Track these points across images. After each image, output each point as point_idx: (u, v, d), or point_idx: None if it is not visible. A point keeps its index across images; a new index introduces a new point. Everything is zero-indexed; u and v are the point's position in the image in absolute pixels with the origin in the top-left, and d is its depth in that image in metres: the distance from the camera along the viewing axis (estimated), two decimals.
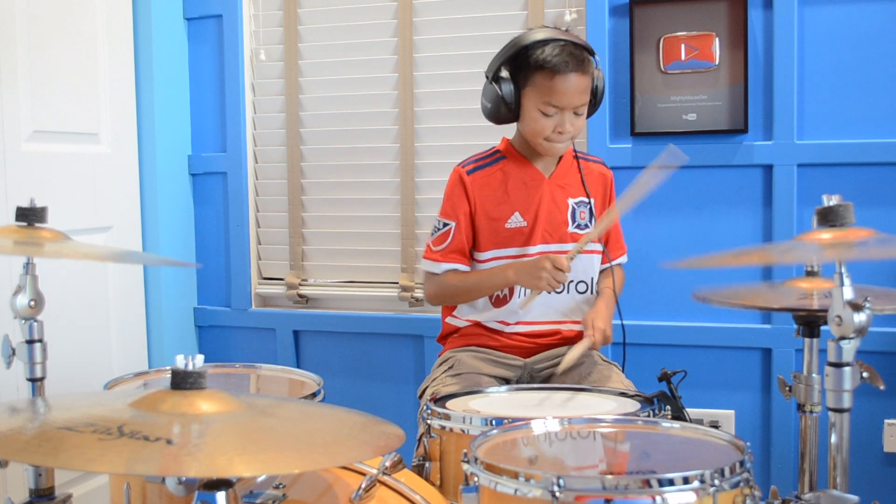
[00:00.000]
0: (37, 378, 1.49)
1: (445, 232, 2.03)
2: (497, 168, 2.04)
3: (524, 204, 2.01)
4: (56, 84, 2.37)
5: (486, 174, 2.04)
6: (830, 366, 1.21)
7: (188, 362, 1.03)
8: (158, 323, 2.75)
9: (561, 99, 1.90)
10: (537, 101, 1.92)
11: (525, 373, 2.02)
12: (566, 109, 1.91)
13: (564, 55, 1.89)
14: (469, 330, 2.07)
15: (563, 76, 1.88)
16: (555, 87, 1.89)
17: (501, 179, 2.03)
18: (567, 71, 1.88)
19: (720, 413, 2.42)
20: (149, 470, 0.88)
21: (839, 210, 1.30)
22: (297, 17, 2.77)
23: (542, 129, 1.94)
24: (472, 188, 2.02)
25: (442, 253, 2.03)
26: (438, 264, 2.03)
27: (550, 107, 1.91)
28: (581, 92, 1.92)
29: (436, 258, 2.03)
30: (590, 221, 2.05)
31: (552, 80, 1.89)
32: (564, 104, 1.91)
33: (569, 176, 2.06)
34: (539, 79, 1.91)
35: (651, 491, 1.08)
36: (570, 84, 1.89)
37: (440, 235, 2.03)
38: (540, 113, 1.92)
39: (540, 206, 2.01)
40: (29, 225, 1.48)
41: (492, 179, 2.03)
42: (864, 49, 2.29)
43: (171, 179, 2.79)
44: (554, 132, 1.93)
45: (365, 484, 1.25)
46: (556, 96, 1.90)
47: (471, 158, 2.07)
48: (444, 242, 2.03)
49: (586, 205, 2.05)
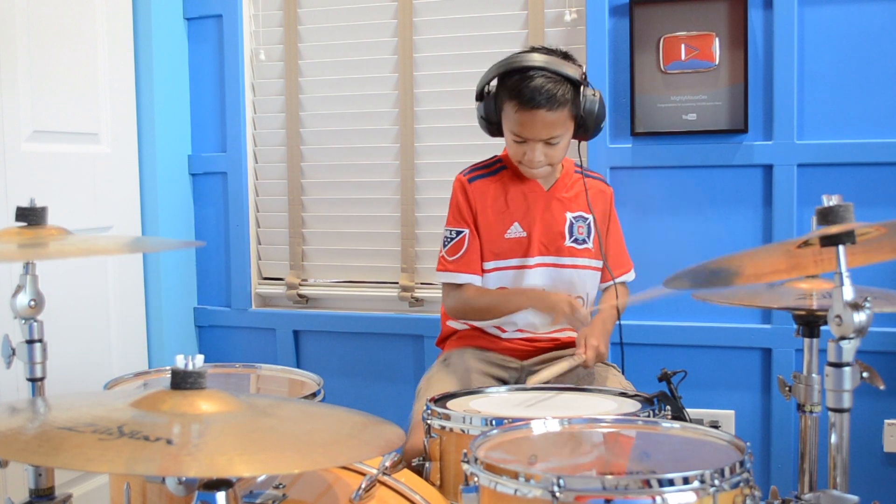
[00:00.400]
0: (37, 378, 1.49)
1: (459, 241, 2.00)
2: (497, 178, 2.04)
3: (523, 215, 2.00)
4: (56, 84, 2.37)
5: (487, 183, 2.03)
6: (830, 366, 1.21)
7: (188, 362, 1.03)
8: (158, 323, 2.75)
9: (524, 132, 1.90)
10: (509, 128, 1.93)
11: (522, 375, 2.03)
12: (532, 141, 1.90)
13: (532, 91, 1.85)
14: (467, 333, 2.08)
15: (528, 112, 1.87)
16: (519, 119, 1.89)
17: (501, 189, 2.02)
18: (531, 107, 1.86)
19: (720, 413, 2.42)
20: (149, 470, 0.88)
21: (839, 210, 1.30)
22: (297, 17, 2.77)
23: (514, 153, 1.96)
24: (474, 195, 2.01)
25: (458, 263, 2.00)
26: (457, 275, 1.99)
27: (518, 136, 1.91)
28: (549, 126, 1.89)
29: (453, 269, 2.00)
30: (588, 237, 2.04)
31: (516, 112, 1.89)
32: (529, 137, 1.90)
33: (568, 190, 2.05)
34: (508, 108, 1.91)
35: (651, 491, 1.08)
36: (536, 119, 1.87)
37: (454, 245, 2.01)
38: (511, 139, 1.94)
39: (538, 218, 2.00)
40: (29, 225, 1.48)
41: (492, 188, 2.02)
42: (864, 49, 2.29)
43: (171, 179, 2.79)
44: (525, 159, 1.93)
45: (365, 484, 1.25)
46: (521, 128, 1.90)
47: (472, 167, 2.07)
48: (458, 252, 2.00)
49: (585, 220, 2.04)
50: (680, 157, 2.41)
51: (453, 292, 2.02)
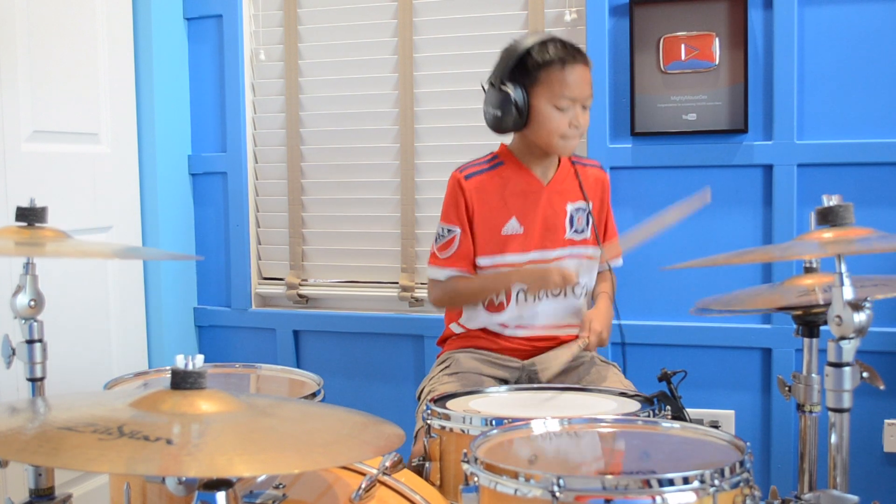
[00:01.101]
0: (37, 378, 1.49)
1: (450, 239, 2.02)
2: (495, 174, 2.03)
3: (521, 211, 2.00)
4: (56, 84, 2.37)
5: (484, 179, 2.02)
6: (830, 366, 1.21)
7: (188, 362, 1.03)
8: (158, 323, 2.75)
9: (574, 89, 1.91)
10: (550, 98, 1.92)
11: (523, 374, 2.02)
12: (578, 101, 1.92)
13: (569, 49, 1.92)
14: (468, 332, 2.08)
15: (573, 66, 1.91)
16: (566, 78, 1.91)
17: (499, 185, 2.02)
18: (575, 62, 1.92)
19: (720, 413, 2.42)
20: (149, 470, 0.88)
21: (839, 210, 1.30)
22: (297, 17, 2.77)
23: (558, 126, 1.93)
24: (470, 193, 2.01)
25: (447, 259, 2.02)
26: (442, 270, 2.02)
27: (564, 99, 1.91)
28: (589, 83, 1.95)
29: (441, 264, 2.02)
30: (586, 226, 2.04)
31: (563, 71, 1.90)
32: (577, 94, 1.92)
33: (566, 181, 2.05)
34: (550, 74, 1.91)
35: (651, 491, 1.08)
36: (580, 74, 1.92)
37: (445, 242, 2.02)
38: (554, 109, 1.92)
39: (538, 214, 2.00)
40: (29, 225, 1.48)
41: (489, 185, 2.02)
42: (864, 49, 2.29)
43: (171, 179, 2.79)
44: (570, 127, 1.93)
45: (365, 484, 1.25)
46: (570, 87, 1.91)
47: (469, 163, 2.06)
48: (449, 249, 2.01)
49: (584, 210, 2.05)
50: (680, 157, 2.41)
51: (438, 284, 2.05)
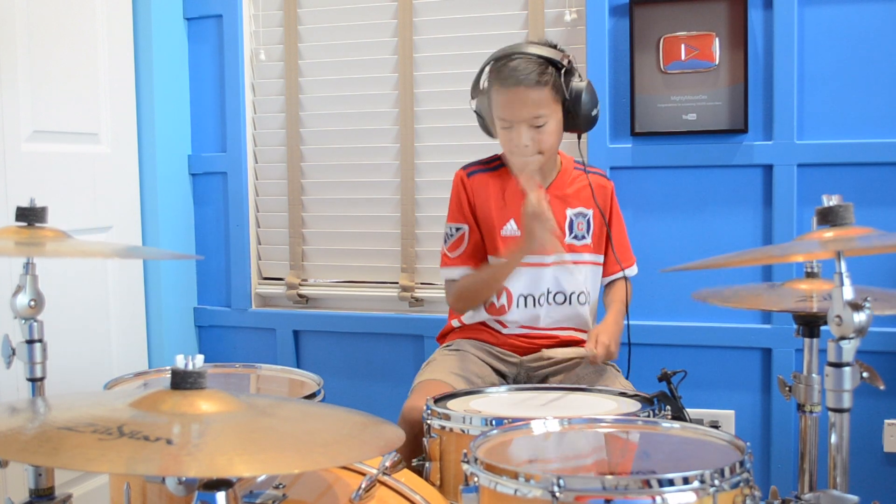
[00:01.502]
0: (37, 378, 1.49)
1: (459, 237, 2.03)
2: (497, 174, 2.05)
3: (520, 213, 1.99)
4: (56, 84, 2.37)
5: (486, 178, 2.04)
6: (830, 366, 1.20)
7: (188, 362, 1.03)
8: (158, 323, 2.75)
9: (506, 111, 1.91)
10: (496, 115, 1.95)
11: (521, 370, 2.03)
12: (517, 123, 1.90)
13: (509, 69, 1.89)
14: (469, 327, 2.09)
15: (509, 90, 1.89)
16: (501, 100, 1.91)
17: (500, 186, 2.03)
18: (510, 84, 1.88)
19: (720, 413, 2.42)
20: (149, 470, 0.88)
21: (839, 210, 1.30)
22: (297, 17, 2.77)
23: (504, 143, 1.97)
24: (472, 190, 2.03)
25: (458, 258, 2.02)
26: (456, 269, 2.03)
27: (503, 120, 1.92)
28: (530, 105, 1.89)
29: (452, 264, 2.03)
30: (587, 233, 2.05)
31: (499, 93, 1.91)
32: (512, 117, 1.91)
33: (568, 187, 2.06)
34: (493, 93, 1.94)
35: (651, 491, 1.08)
36: (517, 97, 1.88)
37: (454, 241, 2.03)
38: (500, 127, 1.95)
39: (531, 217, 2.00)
40: (29, 225, 1.48)
41: (491, 184, 2.04)
42: (864, 49, 2.29)
43: (171, 179, 2.79)
44: (513, 145, 1.93)
45: (365, 484, 1.25)
46: (504, 110, 1.91)
47: (472, 163, 2.09)
48: (459, 248, 2.03)
49: (585, 216, 2.05)
50: (680, 157, 2.41)
51: (453, 285, 2.05)
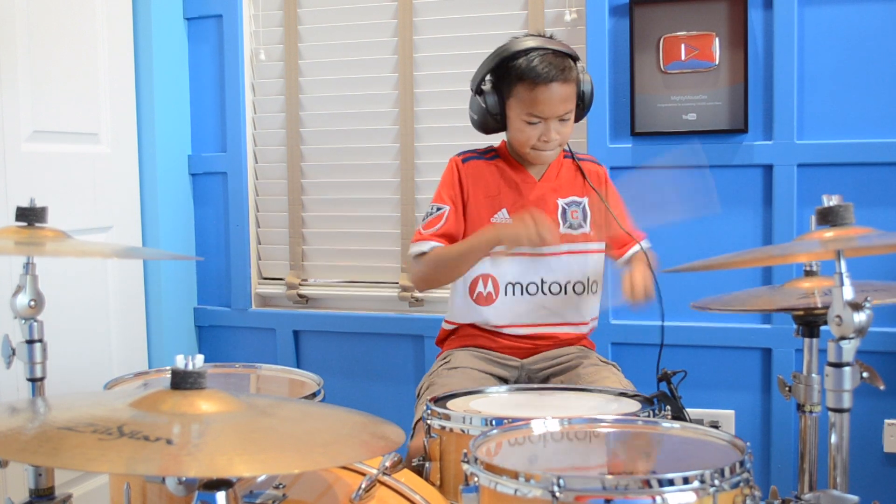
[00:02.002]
0: (37, 378, 1.49)
1: (437, 216, 1.99)
2: (493, 163, 2.04)
3: (512, 204, 2.00)
4: (56, 84, 2.37)
5: (481, 165, 2.04)
6: (830, 366, 1.20)
7: (188, 362, 1.03)
8: (158, 323, 2.75)
9: (544, 109, 1.90)
10: (521, 112, 1.92)
11: (522, 373, 2.02)
12: (549, 119, 1.91)
13: (545, 65, 1.87)
14: (466, 331, 2.07)
15: (545, 86, 1.88)
16: (536, 97, 1.89)
17: (494, 175, 2.03)
18: (548, 81, 1.87)
19: (720, 413, 2.42)
20: (149, 470, 0.88)
21: (839, 210, 1.30)
22: (297, 17, 2.77)
23: (528, 138, 1.94)
24: (465, 175, 2.02)
25: (431, 234, 1.97)
26: (426, 243, 1.96)
27: (534, 117, 1.91)
28: (563, 100, 1.90)
29: (423, 238, 1.97)
30: (584, 221, 2.04)
31: (534, 90, 1.88)
32: (547, 114, 1.90)
33: (560, 177, 2.05)
34: (521, 90, 1.90)
35: (651, 491, 1.08)
36: (552, 94, 1.88)
37: (431, 219, 1.99)
38: (524, 123, 1.92)
39: (527, 209, 1.99)
40: (29, 225, 1.48)
41: (485, 171, 2.03)
42: (864, 49, 2.29)
43: (171, 179, 2.79)
44: (539, 141, 1.93)
45: (365, 484, 1.25)
46: (539, 106, 1.89)
47: (468, 150, 2.08)
48: (435, 226, 1.97)
49: (579, 204, 2.04)
50: (680, 157, 2.41)
51: (419, 260, 1.97)
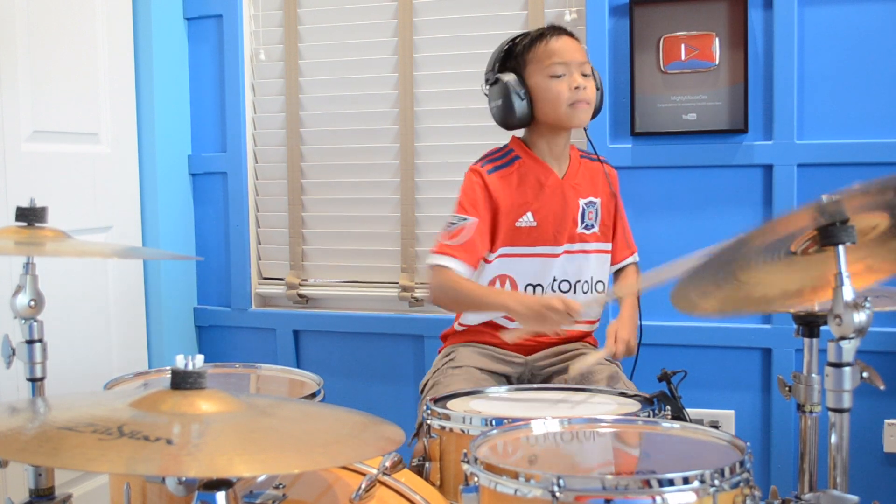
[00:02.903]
0: (37, 378, 1.49)
1: (460, 227, 1.95)
2: (514, 168, 2.01)
3: (537, 204, 1.99)
4: (56, 84, 2.37)
5: (506, 174, 2.00)
6: (830, 366, 1.20)
7: (188, 362, 1.03)
8: (158, 323, 2.75)
9: (563, 54, 1.95)
10: (543, 70, 1.95)
11: (526, 370, 2.03)
12: (572, 65, 1.95)
13: (550, 26, 2.01)
14: (471, 327, 2.07)
15: (557, 37, 1.97)
16: (553, 48, 1.96)
17: (519, 179, 2.00)
18: (559, 34, 1.97)
19: (720, 413, 2.42)
20: (149, 470, 0.88)
21: None
22: (297, 17, 2.77)
23: (559, 93, 1.94)
24: (495, 188, 1.97)
25: (452, 248, 1.93)
26: (445, 257, 1.93)
27: (556, 66, 1.94)
28: (579, 51, 1.98)
29: (445, 252, 1.93)
30: (595, 221, 2.05)
31: (548, 43, 1.96)
32: (567, 58, 1.95)
33: (579, 176, 2.05)
34: (535, 51, 1.97)
35: (651, 491, 1.08)
36: (566, 42, 1.97)
37: (454, 231, 1.95)
38: (551, 80, 1.94)
39: (552, 208, 2.00)
40: (29, 225, 1.48)
41: (511, 179, 2.00)
42: (864, 49, 2.29)
43: (171, 179, 2.79)
44: (571, 91, 1.93)
45: (365, 484, 1.25)
46: (558, 53, 1.95)
47: (487, 158, 2.03)
48: (456, 237, 1.94)
49: (594, 205, 2.05)
50: (680, 157, 2.41)
51: (438, 273, 1.95)
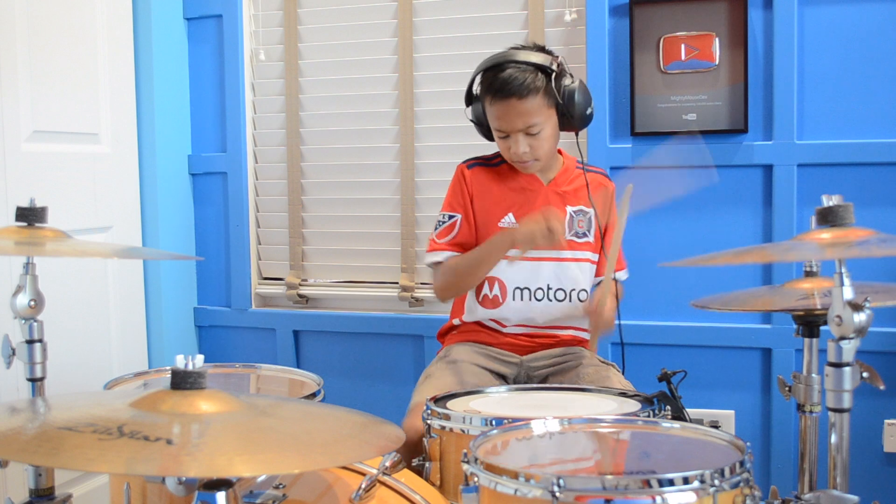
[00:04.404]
0: (37, 378, 1.49)
1: (450, 224, 2.04)
2: (497, 170, 2.06)
3: (518, 207, 2.01)
4: (56, 84, 2.37)
5: (486, 171, 2.06)
6: (830, 366, 1.21)
7: (188, 362, 1.03)
8: (158, 323, 2.75)
9: (502, 123, 1.92)
10: (491, 124, 1.96)
11: (521, 371, 2.03)
12: (513, 133, 1.92)
13: (502, 81, 1.88)
14: (468, 326, 2.08)
15: (501, 102, 1.90)
16: (495, 112, 1.92)
17: (500, 180, 2.05)
18: (504, 97, 1.89)
19: (720, 413, 2.42)
20: (149, 470, 0.88)
21: (839, 210, 1.30)
22: (297, 17, 2.77)
23: (502, 150, 1.99)
24: (471, 181, 2.05)
25: (446, 244, 2.03)
26: (441, 253, 2.02)
27: (499, 131, 1.95)
28: (523, 115, 1.89)
29: (439, 248, 2.03)
30: (588, 231, 2.05)
31: (493, 105, 1.92)
32: (507, 128, 1.92)
33: (569, 184, 2.06)
34: (486, 105, 1.95)
35: (651, 491, 1.08)
36: (510, 109, 1.89)
37: (444, 228, 2.04)
38: (496, 134, 1.97)
39: (533, 212, 2.00)
40: (29, 225, 1.48)
41: (491, 176, 2.05)
42: (864, 49, 2.29)
43: (171, 179, 2.79)
44: (511, 153, 1.95)
45: (365, 484, 1.25)
46: (499, 121, 1.93)
47: (475, 157, 2.10)
48: (448, 234, 2.03)
49: (585, 214, 2.05)
50: (680, 157, 2.41)
51: (438, 268, 2.05)
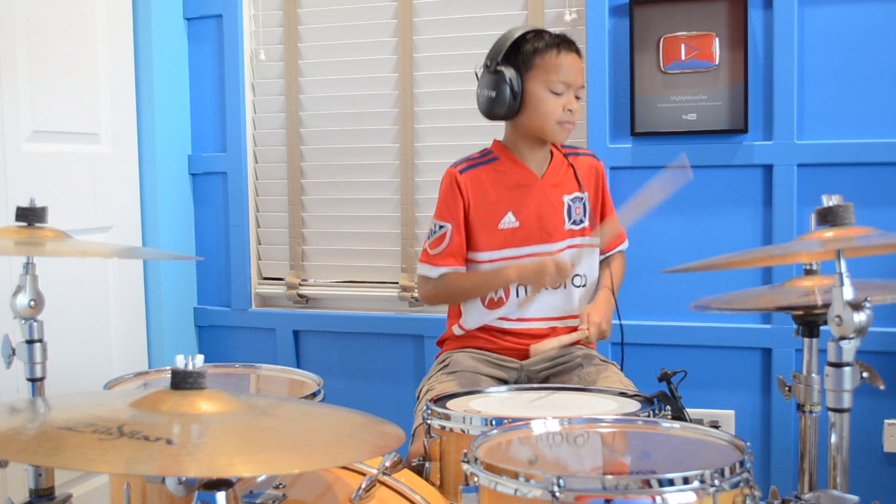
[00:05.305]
0: (37, 378, 1.49)
1: (441, 235, 2.03)
2: (490, 168, 2.04)
3: (517, 205, 2.01)
4: (56, 84, 2.37)
5: (479, 173, 2.04)
6: (830, 366, 1.20)
7: (188, 362, 1.03)
8: (158, 323, 2.75)
9: (569, 75, 1.96)
10: (546, 81, 1.95)
11: (522, 375, 2.03)
12: (573, 87, 1.96)
13: (563, 37, 1.99)
14: (468, 332, 2.08)
15: (568, 53, 1.97)
16: (562, 63, 1.96)
17: (495, 179, 2.03)
18: (569, 50, 1.97)
19: (720, 413, 2.42)
20: (149, 470, 0.88)
21: (839, 210, 1.30)
22: (297, 17, 2.77)
23: (553, 110, 1.96)
24: (466, 187, 2.02)
25: (438, 256, 2.03)
26: (434, 268, 2.03)
27: (560, 84, 1.95)
28: (582, 73, 2.00)
29: (432, 262, 2.03)
30: (584, 216, 2.05)
31: (559, 57, 1.96)
32: (572, 80, 1.96)
33: (561, 173, 2.06)
34: (545, 59, 1.96)
35: (651, 491, 1.08)
36: (574, 62, 1.98)
37: (436, 238, 2.04)
38: (549, 93, 1.95)
39: (533, 207, 2.01)
40: (29, 225, 1.48)
41: (485, 178, 2.03)
42: (864, 49, 2.29)
43: (171, 179, 2.79)
44: (564, 111, 1.95)
45: (365, 484, 1.25)
46: (565, 72, 1.95)
47: (462, 159, 2.08)
48: (440, 245, 2.03)
49: (581, 200, 2.06)
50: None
51: (429, 282, 2.06)
